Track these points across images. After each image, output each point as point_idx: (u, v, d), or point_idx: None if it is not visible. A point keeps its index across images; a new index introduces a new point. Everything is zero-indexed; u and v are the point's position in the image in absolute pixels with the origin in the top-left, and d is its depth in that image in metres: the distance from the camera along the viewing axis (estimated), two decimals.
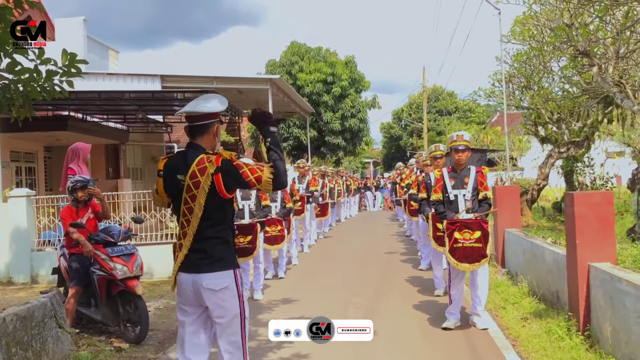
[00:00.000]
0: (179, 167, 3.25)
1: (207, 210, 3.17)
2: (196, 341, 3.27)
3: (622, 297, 4.28)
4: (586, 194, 5.54)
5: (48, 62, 4.26)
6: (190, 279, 3.19)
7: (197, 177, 3.15)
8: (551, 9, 9.93)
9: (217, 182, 3.13)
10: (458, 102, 50.21)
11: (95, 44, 17.39)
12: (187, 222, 3.21)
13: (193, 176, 3.16)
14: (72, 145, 7.19)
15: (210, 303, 3.18)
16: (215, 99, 3.31)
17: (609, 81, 8.58)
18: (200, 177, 3.14)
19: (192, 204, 3.17)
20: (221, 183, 3.13)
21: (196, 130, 3.30)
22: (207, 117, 3.28)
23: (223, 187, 3.14)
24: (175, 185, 3.25)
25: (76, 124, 13.17)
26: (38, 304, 4.95)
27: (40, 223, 9.78)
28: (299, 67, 29.17)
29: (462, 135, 5.90)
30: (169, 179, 3.29)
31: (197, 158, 3.18)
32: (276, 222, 8.52)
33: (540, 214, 14.96)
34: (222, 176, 3.13)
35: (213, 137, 3.33)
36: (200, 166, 3.15)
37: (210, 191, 3.14)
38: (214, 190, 3.15)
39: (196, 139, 3.30)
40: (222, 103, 3.32)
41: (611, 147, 23.20)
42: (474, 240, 5.60)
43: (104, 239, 5.91)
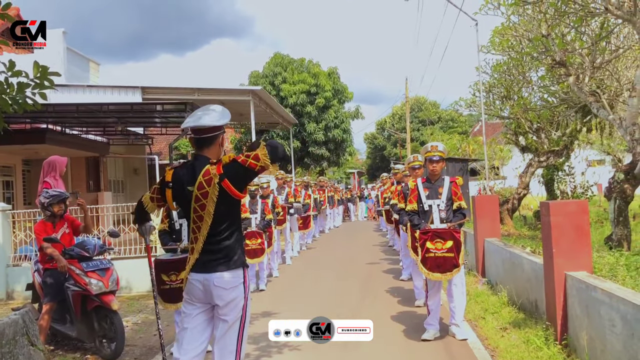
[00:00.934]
0: (187, 179, 3.35)
1: (216, 216, 3.29)
2: (195, 337, 3.33)
3: (597, 306, 4.30)
4: (561, 203, 5.58)
5: (19, 74, 4.20)
6: (201, 278, 3.30)
7: (205, 188, 3.27)
8: (529, 19, 10.06)
9: (227, 188, 3.25)
10: (441, 112, 50.65)
11: (75, 56, 17.26)
12: (198, 229, 3.33)
13: (200, 187, 3.28)
14: (47, 158, 7.09)
15: (220, 301, 3.28)
16: (218, 111, 3.40)
17: (585, 91, 8.70)
18: (207, 187, 3.26)
19: (202, 212, 3.29)
20: (231, 187, 3.25)
21: (202, 142, 3.39)
22: (212, 130, 3.36)
23: (234, 189, 3.26)
24: (185, 196, 3.35)
25: (55, 136, 13.04)
26: (9, 321, 4.83)
27: (17, 238, 9.61)
28: (282, 78, 29.22)
29: (436, 145, 5.92)
30: (179, 190, 3.40)
31: (204, 169, 3.29)
32: (256, 235, 8.47)
33: (521, 223, 15.05)
34: (229, 180, 3.25)
35: (219, 148, 3.44)
36: (206, 177, 3.27)
37: (219, 199, 3.26)
38: (224, 197, 3.27)
39: (203, 150, 3.40)
40: (225, 115, 3.41)
41: (591, 155, 23.48)
42: (445, 250, 5.61)
43: (79, 254, 5.81)
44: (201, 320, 3.35)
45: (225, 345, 3.29)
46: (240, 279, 3.32)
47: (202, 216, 3.29)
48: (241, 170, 3.26)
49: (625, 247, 7.22)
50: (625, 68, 10.07)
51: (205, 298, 3.31)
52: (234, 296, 3.28)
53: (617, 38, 9.30)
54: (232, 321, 3.29)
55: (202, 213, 3.29)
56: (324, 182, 20.07)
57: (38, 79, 4.30)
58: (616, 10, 7.30)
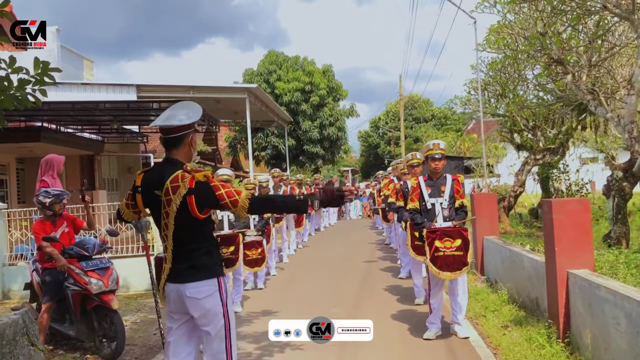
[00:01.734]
0: (155, 182, 3.18)
1: (182, 225, 3.13)
2: (179, 349, 3.25)
3: (601, 304, 4.30)
4: (564, 201, 5.58)
5: (20, 70, 4.16)
6: (175, 288, 3.19)
7: (170, 196, 3.10)
8: (525, 17, 10.07)
9: (189, 204, 3.07)
10: (434, 110, 50.73)
11: (69, 53, 17.15)
12: (166, 236, 3.20)
13: (167, 193, 3.12)
14: (45, 156, 7.02)
15: (195, 311, 3.16)
16: (187, 109, 3.23)
17: (583, 89, 8.72)
18: (172, 195, 3.09)
19: (167, 220, 3.15)
20: (194, 205, 3.07)
21: (170, 143, 3.23)
22: (180, 129, 3.19)
23: (195, 209, 3.08)
24: (154, 200, 3.21)
25: (50, 135, 12.92)
26: (9, 321, 4.78)
27: (13, 237, 9.54)
28: (277, 76, 29.17)
29: (438, 143, 5.90)
30: (147, 195, 3.24)
31: (172, 175, 3.11)
32: (256, 244, 8.43)
33: (517, 221, 15.11)
34: (194, 198, 3.07)
35: (189, 149, 3.26)
36: (174, 184, 3.09)
37: (179, 211, 3.09)
38: (185, 211, 3.09)
39: (172, 151, 3.24)
40: (194, 113, 3.23)
41: (585, 153, 23.58)
42: (454, 249, 5.59)
43: (78, 253, 5.76)
44: (183, 331, 3.25)
45: (213, 355, 3.20)
46: (214, 288, 3.16)
47: (167, 224, 3.15)
48: (210, 196, 3.08)
49: (624, 244, 7.25)
50: (621, 66, 10.12)
51: (182, 308, 3.19)
52: (210, 306, 3.14)
53: (612, 36, 9.33)
54: (214, 331, 3.17)
55: (167, 220, 3.15)
56: (319, 180, 20.04)
57: (39, 76, 4.26)
58: (614, 8, 7.32)
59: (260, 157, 29.39)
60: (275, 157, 29.25)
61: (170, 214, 3.11)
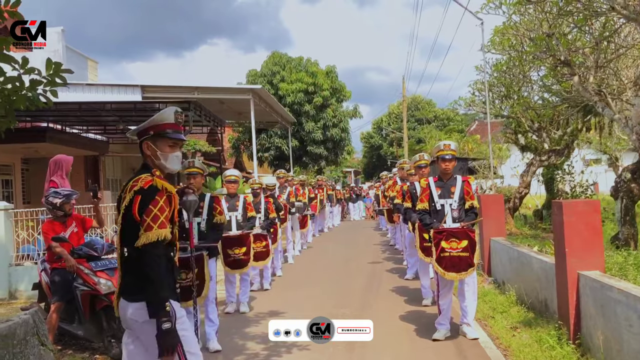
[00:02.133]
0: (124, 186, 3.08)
1: (123, 232, 2.95)
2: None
3: (613, 306, 4.29)
4: (574, 203, 5.56)
5: (32, 71, 4.18)
6: (121, 305, 2.97)
7: (125, 193, 2.98)
8: (530, 19, 10.06)
9: (134, 202, 2.91)
10: (437, 111, 50.69)
11: (73, 54, 17.18)
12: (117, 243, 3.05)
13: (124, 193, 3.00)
14: (54, 157, 7.03)
15: (140, 334, 2.91)
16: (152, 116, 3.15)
17: (590, 90, 8.70)
18: (127, 193, 2.96)
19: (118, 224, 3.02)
20: (136, 205, 2.90)
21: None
22: (138, 137, 3.14)
23: (136, 210, 2.89)
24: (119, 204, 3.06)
25: (55, 135, 12.96)
26: (20, 321, 4.79)
27: (19, 237, 9.55)
28: (280, 77, 29.16)
29: (449, 144, 5.89)
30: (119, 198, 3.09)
31: (135, 177, 3.02)
32: (261, 238, 8.42)
33: (522, 222, 15.09)
34: (140, 199, 2.91)
35: (150, 156, 3.11)
36: (132, 184, 2.98)
37: (125, 212, 2.92)
38: (129, 212, 2.91)
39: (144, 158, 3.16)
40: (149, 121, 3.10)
41: (588, 154, 23.53)
42: (460, 250, 5.58)
43: (87, 253, 5.78)
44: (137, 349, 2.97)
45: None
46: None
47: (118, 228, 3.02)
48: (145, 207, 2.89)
49: (632, 246, 7.24)
50: (626, 67, 10.10)
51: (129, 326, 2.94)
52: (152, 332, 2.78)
53: (618, 37, 9.32)
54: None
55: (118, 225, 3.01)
56: (322, 181, 20.03)
57: (50, 76, 4.28)
58: (622, 9, 7.31)
59: (263, 158, 29.40)
60: (278, 158, 29.25)
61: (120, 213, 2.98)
